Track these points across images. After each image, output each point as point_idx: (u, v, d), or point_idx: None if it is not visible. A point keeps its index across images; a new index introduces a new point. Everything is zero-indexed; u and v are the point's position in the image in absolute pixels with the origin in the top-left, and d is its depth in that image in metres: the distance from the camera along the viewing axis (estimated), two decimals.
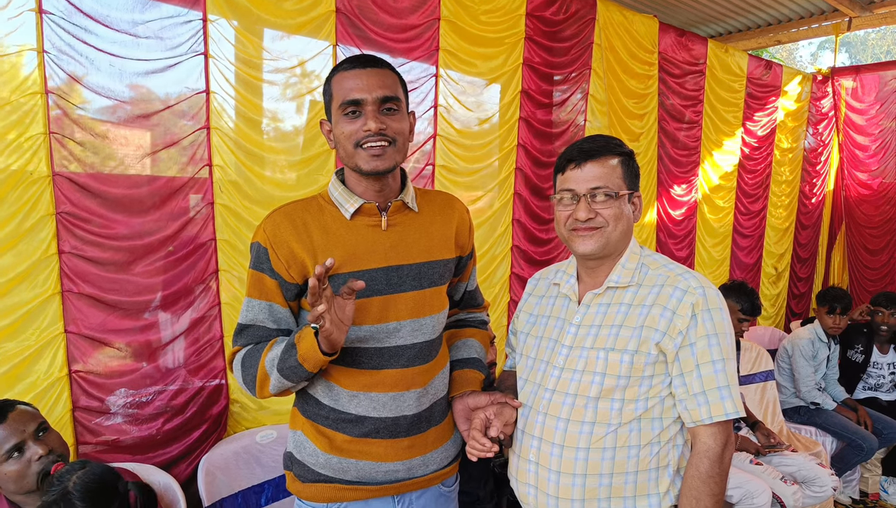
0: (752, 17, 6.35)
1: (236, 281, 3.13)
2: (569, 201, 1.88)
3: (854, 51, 26.62)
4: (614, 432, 1.79)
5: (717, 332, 1.79)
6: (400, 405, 1.87)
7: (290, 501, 3.08)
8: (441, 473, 2.00)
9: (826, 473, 3.97)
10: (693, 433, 1.83)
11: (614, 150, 1.90)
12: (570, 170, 1.88)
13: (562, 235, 1.95)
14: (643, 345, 1.79)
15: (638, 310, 1.84)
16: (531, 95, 4.28)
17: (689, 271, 1.89)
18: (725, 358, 1.79)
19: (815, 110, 6.76)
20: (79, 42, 2.68)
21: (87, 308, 2.76)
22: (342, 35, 3.40)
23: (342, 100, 1.78)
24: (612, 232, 1.86)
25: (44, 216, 2.65)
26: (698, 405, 1.78)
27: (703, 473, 1.77)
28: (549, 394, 1.89)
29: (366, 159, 1.78)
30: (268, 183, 3.23)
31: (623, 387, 1.79)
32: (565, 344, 1.91)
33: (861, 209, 6.85)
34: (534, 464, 1.88)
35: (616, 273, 1.90)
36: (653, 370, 1.80)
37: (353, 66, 1.81)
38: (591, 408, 1.81)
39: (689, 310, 1.78)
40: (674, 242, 5.47)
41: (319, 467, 1.88)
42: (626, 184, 1.89)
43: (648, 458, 1.81)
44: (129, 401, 2.88)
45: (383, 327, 1.84)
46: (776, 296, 6.73)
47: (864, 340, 5.21)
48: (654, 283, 1.86)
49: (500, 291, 4.30)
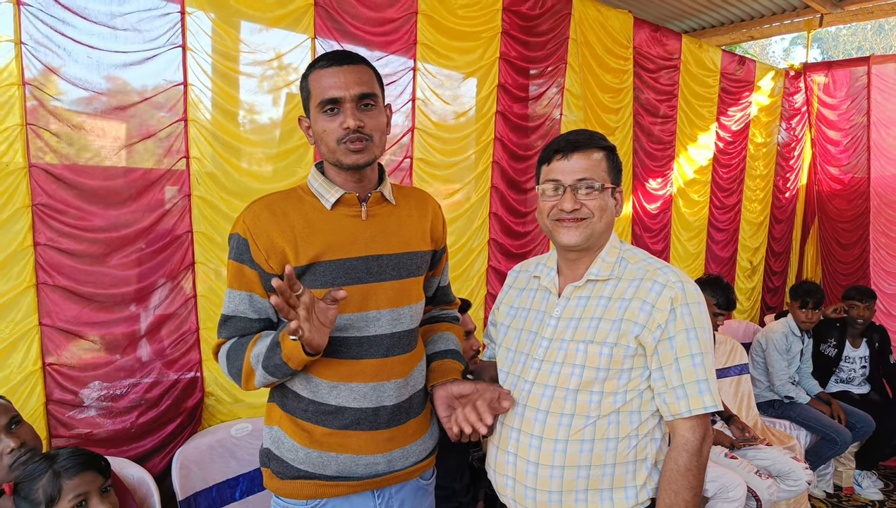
0: (725, 12, 6.42)
1: (212, 274, 3.12)
2: (553, 192, 1.90)
3: (826, 47, 26.86)
4: (593, 424, 1.80)
5: (696, 326, 1.81)
6: (380, 395, 1.88)
7: (265, 496, 3.07)
8: (420, 466, 2.01)
9: (800, 467, 4.00)
10: (671, 426, 1.84)
11: (599, 144, 1.92)
12: (556, 160, 1.90)
13: (545, 226, 1.96)
14: (622, 338, 1.80)
15: (617, 304, 1.85)
16: (508, 89, 4.30)
17: (668, 265, 1.91)
18: (704, 352, 1.80)
19: (787, 105, 6.83)
20: (56, 34, 2.67)
21: (62, 300, 2.74)
22: (320, 28, 3.39)
23: (320, 98, 1.81)
24: (597, 223, 1.88)
25: (19, 208, 2.63)
26: (677, 398, 1.79)
27: (681, 466, 1.79)
28: (528, 386, 1.90)
29: (346, 154, 1.82)
30: (245, 175, 3.22)
31: (602, 380, 1.81)
32: (545, 337, 1.92)
33: (833, 203, 6.93)
34: (512, 455, 1.89)
35: (596, 266, 1.92)
36: (632, 363, 1.82)
37: (329, 63, 1.83)
38: (570, 400, 1.82)
39: (669, 304, 1.80)
40: (649, 236, 5.51)
41: (299, 463, 1.88)
42: (610, 177, 1.91)
43: (626, 451, 1.82)
44: (103, 394, 2.86)
45: (363, 315, 1.85)
46: (751, 290, 6.79)
47: (837, 334, 5.27)
48: (633, 277, 1.88)
49: (478, 284, 4.31)
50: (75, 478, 2.02)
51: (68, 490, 2.00)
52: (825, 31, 24.42)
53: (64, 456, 2.05)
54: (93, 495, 2.04)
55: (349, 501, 1.92)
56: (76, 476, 2.02)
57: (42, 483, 1.99)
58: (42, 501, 1.98)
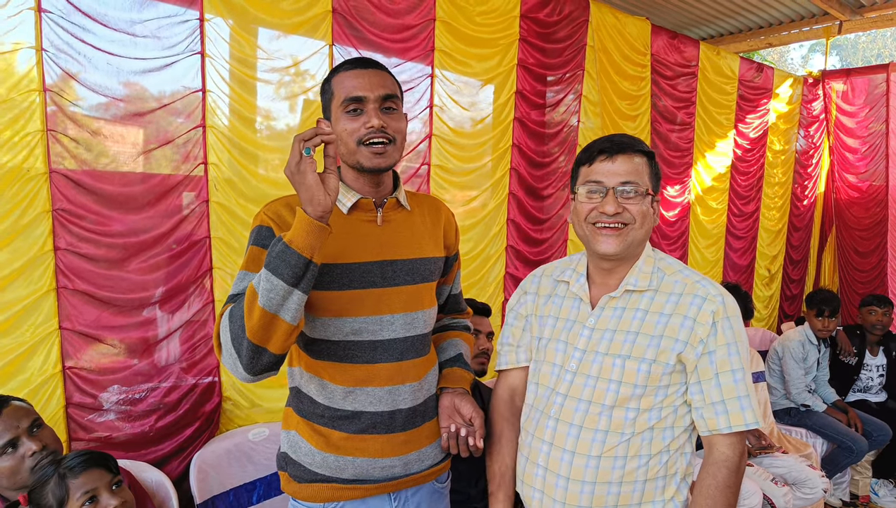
0: (743, 19, 6.39)
1: (230, 279, 3.13)
2: (593, 194, 1.84)
3: (845, 54, 26.74)
4: (627, 441, 1.77)
5: (737, 341, 1.77)
6: (395, 399, 1.88)
7: (282, 499, 3.09)
8: (436, 469, 2.01)
9: (816, 475, 3.98)
10: (708, 441, 1.80)
11: (642, 148, 1.86)
12: (599, 161, 1.83)
13: (581, 232, 1.89)
14: (662, 355, 1.76)
15: (656, 318, 1.80)
16: (525, 96, 4.30)
17: (706, 278, 1.86)
18: (745, 368, 1.77)
19: (806, 113, 6.80)
20: (77, 40, 2.69)
21: (82, 304, 2.76)
22: (338, 35, 3.41)
23: (344, 97, 1.81)
24: (637, 230, 1.82)
25: (40, 213, 2.65)
26: (716, 414, 1.75)
27: (720, 482, 1.75)
28: (560, 399, 1.86)
29: (368, 157, 1.81)
30: (262, 181, 3.24)
31: (639, 396, 1.77)
32: (578, 347, 1.87)
33: (851, 211, 6.89)
34: (542, 469, 1.85)
35: (633, 276, 1.86)
36: (669, 379, 1.78)
37: (353, 66, 1.85)
38: (605, 416, 1.78)
39: (710, 318, 1.75)
40: (667, 243, 5.49)
41: (316, 466, 1.88)
42: (651, 183, 1.85)
43: (658, 467, 1.79)
44: (122, 398, 2.88)
45: (377, 319, 1.85)
46: (769, 298, 6.76)
47: (857, 342, 5.23)
48: (671, 290, 1.83)
49: (495, 291, 4.31)
50: (80, 476, 2.02)
51: (75, 489, 2.00)
52: (844, 38, 24.31)
53: (69, 458, 2.06)
54: (101, 490, 2.05)
55: (366, 504, 1.91)
56: (81, 474, 2.02)
57: (50, 487, 2.01)
58: (53, 504, 2.00)
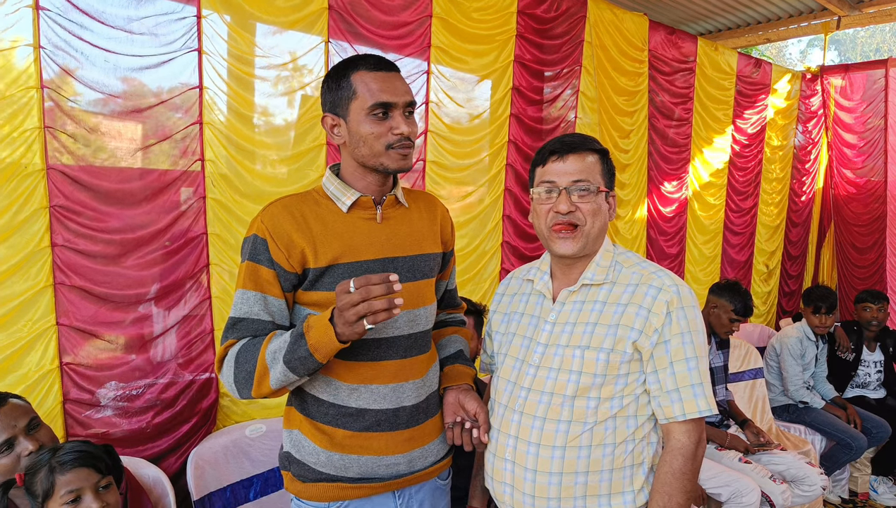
0: (741, 14, 6.39)
1: (227, 275, 3.14)
2: (547, 194, 1.91)
3: (843, 49, 26.69)
4: (590, 430, 1.81)
5: (691, 330, 1.82)
6: (400, 396, 1.89)
7: (279, 496, 3.10)
8: (438, 466, 2.03)
9: (815, 472, 3.98)
10: (666, 429, 1.85)
11: (593, 146, 1.94)
12: (551, 162, 1.92)
13: (541, 233, 1.96)
14: (619, 344, 1.82)
15: (613, 308, 1.86)
16: (522, 92, 4.30)
17: (663, 269, 1.92)
18: (699, 356, 1.82)
19: (804, 108, 6.79)
20: (74, 38, 2.69)
21: (79, 300, 2.77)
22: (334, 31, 3.41)
23: (373, 101, 1.81)
24: (590, 229, 1.88)
25: (37, 209, 2.66)
26: (672, 402, 1.81)
27: (676, 470, 1.80)
28: (524, 393, 1.90)
29: (395, 159, 1.85)
30: (258, 177, 3.24)
31: (599, 385, 1.82)
32: (540, 342, 1.93)
33: (849, 207, 6.88)
34: (510, 463, 1.89)
35: (591, 270, 1.93)
36: (628, 368, 1.83)
37: (377, 67, 1.84)
38: (567, 407, 1.82)
39: (665, 308, 1.81)
40: (664, 239, 5.50)
41: (320, 466, 1.88)
42: (604, 181, 1.92)
43: (623, 456, 1.83)
44: (119, 394, 2.89)
45: None
46: (767, 294, 6.76)
47: (855, 338, 5.23)
48: (628, 282, 1.89)
49: (490, 287, 4.31)
50: (68, 474, 1.99)
51: (61, 486, 1.98)
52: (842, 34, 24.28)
53: (65, 450, 2.03)
54: (87, 491, 2.01)
55: (371, 502, 1.92)
56: (69, 471, 1.99)
57: (40, 477, 1.99)
58: (40, 494, 1.98)
